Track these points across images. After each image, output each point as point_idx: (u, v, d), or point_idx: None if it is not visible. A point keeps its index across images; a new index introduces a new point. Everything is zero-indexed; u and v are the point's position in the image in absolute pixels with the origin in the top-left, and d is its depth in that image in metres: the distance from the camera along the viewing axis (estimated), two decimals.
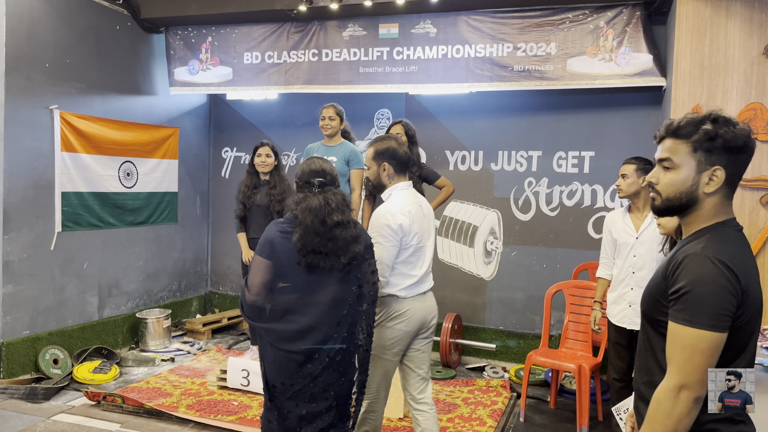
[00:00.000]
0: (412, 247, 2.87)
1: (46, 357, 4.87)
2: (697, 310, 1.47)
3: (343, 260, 2.52)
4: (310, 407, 2.51)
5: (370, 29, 5.44)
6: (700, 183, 1.55)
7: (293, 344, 2.48)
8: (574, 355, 4.32)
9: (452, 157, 5.82)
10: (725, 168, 1.53)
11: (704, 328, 1.46)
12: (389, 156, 2.91)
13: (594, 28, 4.84)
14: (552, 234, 5.52)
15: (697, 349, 1.47)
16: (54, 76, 5.00)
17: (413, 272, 2.91)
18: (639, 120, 5.22)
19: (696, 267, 1.49)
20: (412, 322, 2.91)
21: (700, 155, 1.54)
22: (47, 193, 4.98)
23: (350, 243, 2.53)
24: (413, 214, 2.86)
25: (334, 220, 2.51)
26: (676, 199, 1.59)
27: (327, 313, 2.51)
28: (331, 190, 2.59)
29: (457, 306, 5.82)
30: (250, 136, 6.52)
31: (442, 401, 4.51)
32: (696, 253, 1.50)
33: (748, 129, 1.55)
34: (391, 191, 2.95)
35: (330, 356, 2.51)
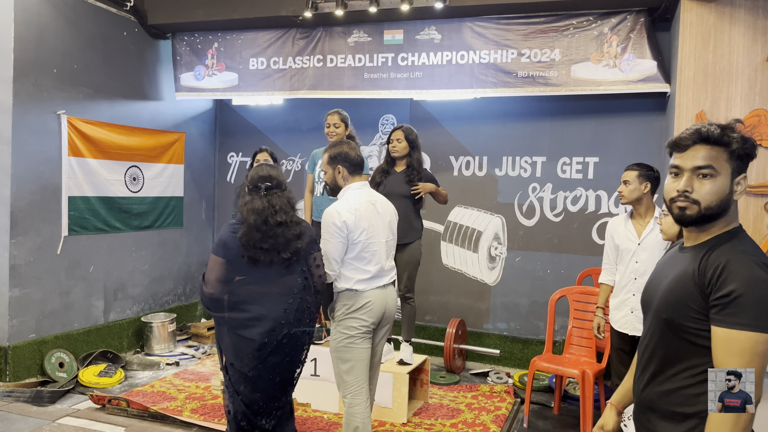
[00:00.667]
0: (361, 242, 3.07)
1: (51, 360, 4.90)
2: (755, 313, 1.44)
3: (284, 255, 2.85)
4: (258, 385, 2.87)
5: (374, 35, 5.47)
6: (737, 191, 1.57)
7: (247, 330, 2.83)
8: (578, 360, 4.32)
9: (456, 163, 5.83)
10: (745, 173, 1.58)
11: (764, 330, 1.44)
12: (342, 159, 3.16)
13: (598, 34, 4.85)
14: (556, 239, 5.52)
15: (756, 352, 1.44)
16: (62, 81, 5.05)
17: (367, 267, 3.11)
18: (643, 126, 5.22)
19: (745, 270, 1.47)
20: (375, 312, 3.13)
21: (734, 162, 1.55)
22: (54, 198, 5.02)
23: (291, 240, 2.87)
24: (361, 212, 3.07)
25: (276, 220, 2.85)
26: (717, 207, 1.56)
27: (276, 302, 2.85)
28: (275, 194, 2.93)
29: (460, 311, 5.82)
30: (255, 141, 6.55)
31: (445, 407, 4.51)
32: (738, 258, 1.49)
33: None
34: (344, 191, 3.18)
35: (278, 340, 2.85)
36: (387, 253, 3.23)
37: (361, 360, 3.13)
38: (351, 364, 3.12)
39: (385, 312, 3.19)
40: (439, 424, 4.17)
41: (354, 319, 3.11)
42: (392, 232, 3.30)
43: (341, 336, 3.12)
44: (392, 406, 4.19)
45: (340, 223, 3.01)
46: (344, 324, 3.12)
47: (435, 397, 4.70)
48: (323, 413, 4.32)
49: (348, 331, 3.11)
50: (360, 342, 3.12)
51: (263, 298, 2.85)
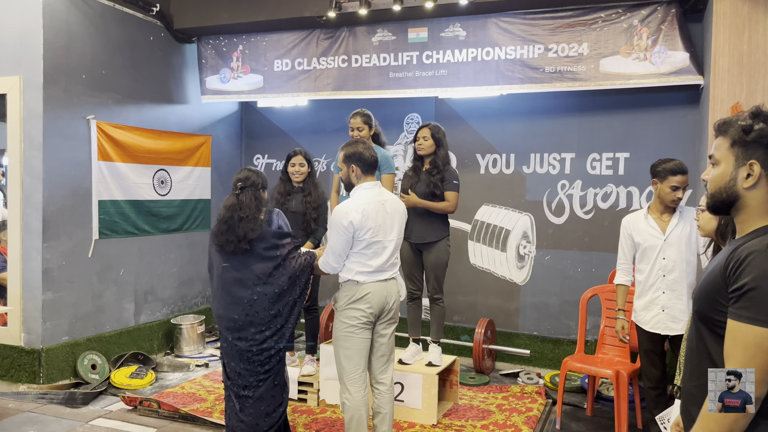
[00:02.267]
0: (365, 240, 3.22)
1: (84, 362, 4.97)
2: (764, 307, 1.41)
3: (243, 245, 3.22)
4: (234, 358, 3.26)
5: (399, 34, 5.44)
6: (738, 178, 1.54)
7: (221, 309, 3.26)
8: (611, 360, 4.23)
9: (483, 161, 5.76)
10: (763, 162, 1.51)
11: None
12: (356, 159, 3.31)
13: (627, 27, 4.74)
14: (587, 237, 5.42)
15: (761, 347, 1.41)
16: (90, 87, 5.11)
17: (369, 262, 3.26)
18: (676, 120, 5.10)
19: (761, 264, 1.43)
20: (374, 303, 3.28)
21: (737, 150, 1.54)
22: (85, 202, 5.09)
23: (247, 232, 3.22)
24: (368, 212, 3.21)
25: (239, 216, 3.24)
26: (717, 194, 1.59)
27: (242, 287, 3.22)
28: (246, 192, 3.32)
29: (490, 311, 5.75)
30: (281, 142, 6.57)
31: (475, 408, 4.46)
32: (761, 250, 1.45)
33: None
34: (356, 190, 3.35)
35: (243, 319, 3.21)
36: (393, 250, 3.36)
37: (359, 349, 3.29)
38: (350, 353, 3.28)
39: (386, 303, 3.33)
40: (469, 426, 4.11)
41: (354, 309, 3.26)
42: (400, 232, 3.43)
43: (342, 325, 3.29)
44: (422, 408, 4.15)
45: (347, 223, 3.17)
46: (345, 314, 3.28)
47: (465, 398, 4.65)
48: None
49: (348, 320, 3.27)
50: (359, 332, 3.27)
51: (230, 284, 3.25)
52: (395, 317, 3.43)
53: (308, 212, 4.63)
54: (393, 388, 3.49)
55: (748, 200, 1.54)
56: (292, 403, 4.48)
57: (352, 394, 3.28)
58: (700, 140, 4.69)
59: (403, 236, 3.48)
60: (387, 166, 4.42)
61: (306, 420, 4.19)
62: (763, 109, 1.55)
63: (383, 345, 3.41)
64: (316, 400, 4.48)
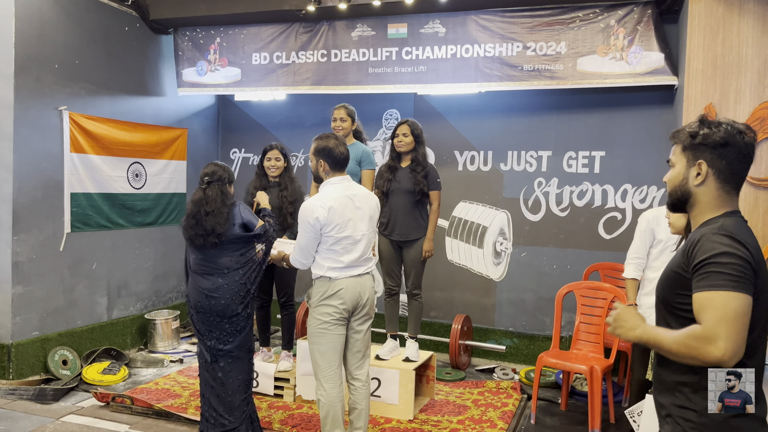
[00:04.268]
0: (333, 237, 3.20)
1: (55, 358, 4.88)
2: (722, 276, 1.56)
3: (212, 239, 3.32)
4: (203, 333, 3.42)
5: (378, 29, 5.42)
6: (689, 177, 1.74)
7: (191, 295, 3.44)
8: (585, 356, 4.28)
9: (461, 158, 5.79)
10: (710, 162, 1.70)
11: (731, 289, 1.54)
12: (326, 154, 3.27)
13: (605, 26, 4.80)
14: (562, 234, 5.48)
15: (727, 307, 1.53)
16: (63, 77, 5.01)
17: (341, 258, 3.24)
18: (650, 119, 5.17)
19: (714, 240, 1.61)
20: (347, 299, 3.26)
21: (688, 153, 1.74)
22: (56, 194, 4.99)
23: (215, 226, 3.31)
24: (335, 208, 3.18)
25: (206, 210, 3.33)
26: (673, 192, 1.79)
27: (207, 276, 3.37)
28: (213, 186, 3.41)
29: (466, 307, 5.78)
30: (258, 137, 6.51)
31: (452, 403, 4.48)
32: (712, 231, 1.64)
33: (737, 129, 1.69)
34: (324, 185, 3.32)
35: (206, 304, 3.36)
36: (365, 245, 3.32)
37: (333, 346, 3.27)
38: (324, 349, 3.26)
39: (359, 299, 3.31)
40: (446, 421, 4.14)
41: (327, 306, 3.24)
42: (372, 226, 3.39)
43: (316, 322, 3.27)
44: (398, 403, 4.16)
45: (313, 221, 3.16)
46: (318, 310, 3.26)
47: (441, 394, 4.67)
48: None
49: (321, 317, 3.24)
50: (333, 328, 3.25)
51: (197, 275, 3.40)
52: (370, 313, 3.42)
53: (284, 207, 4.60)
54: (369, 384, 3.49)
55: (699, 196, 1.74)
56: (268, 398, 4.45)
57: (327, 390, 3.26)
58: None
59: (376, 230, 3.46)
60: (368, 162, 4.41)
61: (282, 416, 4.17)
62: (708, 118, 1.75)
63: (359, 341, 3.40)
64: (292, 395, 4.46)
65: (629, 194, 5.26)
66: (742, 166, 1.71)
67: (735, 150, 1.68)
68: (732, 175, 1.70)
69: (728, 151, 1.68)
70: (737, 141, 1.67)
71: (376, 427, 4.02)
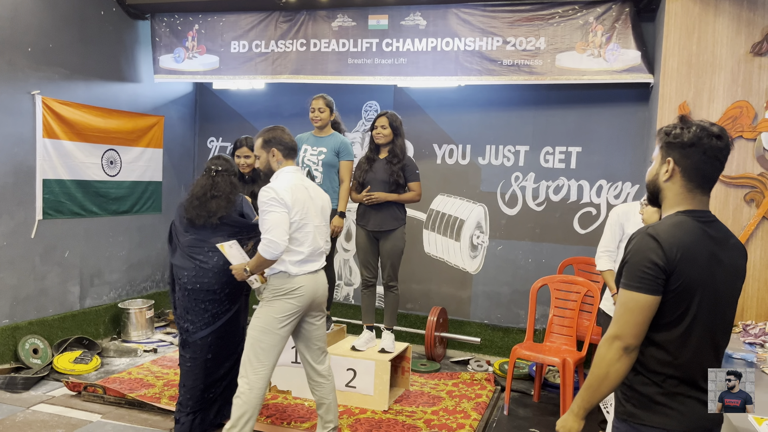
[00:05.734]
0: (296, 222, 3.13)
1: (25, 346, 4.80)
2: (629, 274, 1.74)
3: (213, 220, 3.54)
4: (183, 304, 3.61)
5: (359, 20, 5.40)
6: (660, 173, 1.85)
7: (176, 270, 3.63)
8: (558, 349, 4.34)
9: (440, 151, 5.81)
10: (677, 160, 1.80)
11: (630, 288, 1.73)
12: (276, 142, 3.23)
13: (583, 23, 4.84)
14: (538, 229, 5.54)
15: (627, 306, 1.73)
16: (36, 60, 4.90)
17: (300, 249, 3.16)
18: (626, 116, 5.24)
19: (634, 241, 1.77)
20: (304, 298, 3.18)
21: (662, 151, 1.85)
22: (28, 180, 4.89)
23: (218, 209, 3.56)
24: (296, 193, 3.14)
25: (212, 194, 3.58)
26: (648, 186, 1.91)
27: (199, 253, 3.55)
28: (222, 175, 3.67)
29: (442, 299, 5.82)
30: (236, 126, 6.45)
31: (426, 394, 4.51)
32: (642, 232, 1.77)
33: (708, 132, 1.76)
34: (278, 174, 3.24)
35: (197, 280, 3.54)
36: (320, 237, 3.28)
37: (275, 346, 3.15)
38: (266, 347, 3.13)
39: (314, 299, 3.24)
40: (420, 411, 4.17)
41: (283, 302, 3.14)
42: (324, 219, 3.34)
43: (266, 317, 3.14)
44: (373, 394, 4.17)
45: (281, 198, 3.06)
46: (274, 305, 3.15)
47: (416, 385, 4.70)
48: (304, 400, 4.30)
49: (275, 314, 3.14)
50: (282, 329, 3.15)
51: (189, 255, 3.56)
52: (323, 308, 3.39)
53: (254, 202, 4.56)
54: (333, 377, 3.46)
55: (666, 192, 1.85)
56: None
57: (251, 387, 3.10)
58: (649, 137, 4.84)
59: (328, 225, 3.41)
60: (346, 153, 4.40)
61: None
62: (688, 118, 1.84)
63: (316, 336, 3.37)
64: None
65: (604, 190, 5.33)
66: (708, 167, 1.78)
67: (700, 151, 1.76)
68: (696, 174, 1.79)
69: (694, 151, 1.77)
70: (704, 143, 1.76)
71: (351, 417, 4.03)
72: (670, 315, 1.73)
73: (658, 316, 1.73)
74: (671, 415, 1.75)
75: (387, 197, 4.25)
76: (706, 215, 1.81)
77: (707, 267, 1.75)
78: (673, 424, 1.75)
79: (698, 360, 1.75)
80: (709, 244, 1.76)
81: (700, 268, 1.73)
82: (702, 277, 1.73)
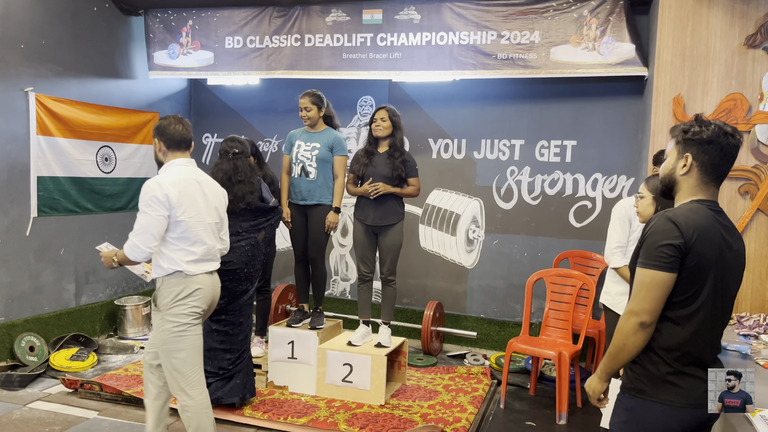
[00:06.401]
0: (184, 222, 2.93)
1: (21, 344, 4.79)
2: (646, 254, 1.88)
3: (240, 205, 3.77)
4: None
5: (353, 15, 5.39)
6: (677, 167, 1.98)
7: None
8: (554, 342, 4.35)
9: (435, 145, 5.80)
10: (695, 156, 1.94)
11: (648, 267, 1.86)
12: (160, 133, 3.04)
13: (578, 16, 4.84)
14: (533, 223, 5.54)
15: (643, 283, 1.87)
16: (29, 57, 4.88)
17: (192, 249, 2.98)
18: (621, 110, 5.24)
19: (653, 222, 1.90)
20: (205, 299, 3.04)
21: (679, 147, 1.98)
22: (22, 178, 4.88)
23: (245, 194, 3.79)
24: (183, 189, 2.93)
25: (237, 179, 3.80)
26: (665, 179, 2.04)
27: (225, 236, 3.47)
28: (240, 158, 3.87)
29: (438, 294, 5.83)
30: (231, 122, 6.44)
31: (423, 388, 4.52)
32: (662, 214, 1.90)
33: (725, 131, 1.91)
34: (167, 166, 3.04)
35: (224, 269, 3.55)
36: (215, 235, 3.12)
37: (195, 347, 3.01)
38: (185, 354, 2.98)
39: (214, 299, 3.12)
40: (416, 406, 4.18)
41: (184, 306, 2.96)
42: (219, 216, 3.17)
43: (171, 325, 2.95)
44: (370, 388, 4.18)
45: (162, 197, 2.86)
46: (173, 312, 2.95)
47: (413, 379, 4.71)
48: (300, 395, 4.30)
49: (178, 318, 2.95)
50: (192, 329, 2.99)
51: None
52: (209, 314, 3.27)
53: None
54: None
55: (682, 184, 1.99)
56: None
57: (194, 398, 2.99)
58: (643, 130, 4.84)
59: (224, 222, 3.22)
60: (340, 148, 4.40)
61: (254, 401, 4.16)
62: (703, 117, 1.97)
63: None
64: (264, 381, 4.45)
65: (599, 183, 5.34)
66: (723, 162, 1.93)
67: (718, 148, 1.91)
68: (712, 168, 1.93)
69: (712, 148, 1.91)
70: (721, 141, 1.91)
71: (348, 412, 4.04)
72: (684, 292, 1.87)
73: (673, 293, 1.86)
74: (679, 393, 1.88)
75: (391, 190, 4.26)
76: (716, 205, 1.96)
77: (719, 249, 1.89)
78: (680, 400, 1.88)
79: (707, 339, 1.90)
80: (720, 230, 1.91)
81: (714, 249, 1.88)
82: (715, 258, 1.88)
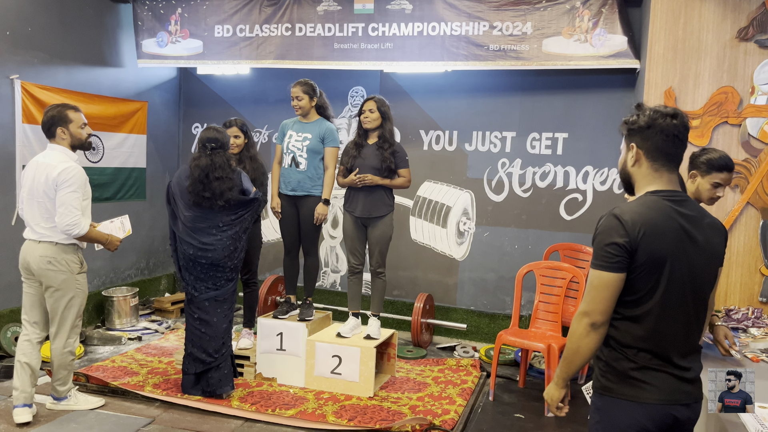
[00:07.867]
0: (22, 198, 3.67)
1: (7, 335, 4.74)
2: (595, 254, 1.84)
3: (219, 202, 3.80)
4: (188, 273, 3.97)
5: (345, 4, 5.34)
6: (627, 159, 1.94)
7: (183, 247, 3.92)
8: (543, 335, 4.35)
9: (426, 137, 5.77)
10: (639, 144, 1.90)
11: (596, 267, 1.82)
12: None
13: (570, 8, 4.81)
14: (524, 215, 5.53)
15: (592, 284, 1.83)
16: (15, 44, 4.80)
17: None
18: (612, 102, 5.23)
19: (601, 221, 1.87)
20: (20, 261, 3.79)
21: (626, 140, 1.95)
22: (7, 167, 4.81)
23: (224, 191, 3.79)
24: (27, 169, 3.60)
25: (215, 176, 3.77)
26: (621, 175, 2.00)
27: (205, 234, 3.87)
28: (218, 153, 3.83)
29: (428, 286, 5.82)
30: (221, 111, 6.37)
31: (412, 380, 4.51)
32: (607, 214, 1.86)
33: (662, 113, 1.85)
34: None
35: (212, 257, 3.88)
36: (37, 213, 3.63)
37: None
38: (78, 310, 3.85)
39: (25, 265, 3.67)
40: (405, 398, 4.17)
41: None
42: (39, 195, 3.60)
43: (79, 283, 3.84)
44: (359, 380, 4.17)
45: None
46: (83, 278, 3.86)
47: (402, 371, 4.70)
48: (289, 387, 4.29)
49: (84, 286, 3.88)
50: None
51: (193, 231, 3.87)
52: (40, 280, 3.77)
53: None
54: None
55: (635, 176, 1.94)
56: None
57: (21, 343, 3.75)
58: None
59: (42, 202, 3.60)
60: (331, 139, 4.36)
61: (242, 393, 4.14)
62: (643, 105, 1.93)
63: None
64: (252, 373, 4.43)
65: (590, 176, 5.33)
66: (669, 145, 1.86)
67: (658, 131, 1.85)
68: (659, 153, 1.87)
69: (652, 132, 1.86)
70: (660, 123, 1.85)
71: (336, 403, 4.03)
72: (640, 290, 1.81)
73: (628, 291, 1.81)
74: (645, 388, 1.82)
75: (380, 181, 4.23)
76: (675, 194, 1.87)
77: (677, 242, 1.81)
78: (646, 396, 1.81)
79: (671, 335, 1.82)
80: (679, 221, 1.82)
81: (669, 243, 1.80)
82: (671, 251, 1.80)
